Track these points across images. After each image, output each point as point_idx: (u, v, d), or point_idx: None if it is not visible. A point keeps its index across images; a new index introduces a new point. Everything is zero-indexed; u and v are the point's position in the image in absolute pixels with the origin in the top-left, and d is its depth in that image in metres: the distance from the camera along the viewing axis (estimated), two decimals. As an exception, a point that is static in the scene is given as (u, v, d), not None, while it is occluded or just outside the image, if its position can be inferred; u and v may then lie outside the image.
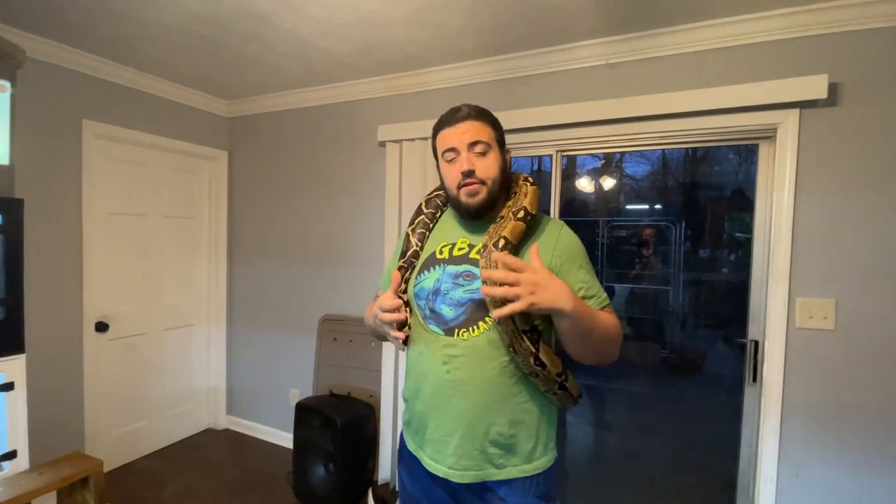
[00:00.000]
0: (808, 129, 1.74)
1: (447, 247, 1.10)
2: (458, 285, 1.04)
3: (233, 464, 2.78)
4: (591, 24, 1.89)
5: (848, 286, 1.70)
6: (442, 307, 1.05)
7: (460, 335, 1.02)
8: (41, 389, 2.18)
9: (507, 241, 0.97)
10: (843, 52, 1.69)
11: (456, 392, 1.01)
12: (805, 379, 1.77)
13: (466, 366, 1.00)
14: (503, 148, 1.11)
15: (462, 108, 1.07)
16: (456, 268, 1.06)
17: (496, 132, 1.08)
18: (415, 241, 1.17)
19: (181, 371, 3.03)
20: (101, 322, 2.51)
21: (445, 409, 1.03)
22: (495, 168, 1.05)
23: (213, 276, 3.19)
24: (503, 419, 1.00)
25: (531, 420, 1.03)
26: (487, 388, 1.00)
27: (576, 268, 1.04)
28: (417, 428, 1.10)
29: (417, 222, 1.20)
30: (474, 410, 1.00)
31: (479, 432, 1.00)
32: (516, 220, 1.01)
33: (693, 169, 6.58)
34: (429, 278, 1.09)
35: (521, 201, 1.06)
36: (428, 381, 1.06)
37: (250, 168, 3.14)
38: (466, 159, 1.03)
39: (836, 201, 1.72)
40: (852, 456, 1.71)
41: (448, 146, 1.06)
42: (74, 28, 2.05)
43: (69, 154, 2.33)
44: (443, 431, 1.03)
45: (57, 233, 2.30)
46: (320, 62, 2.37)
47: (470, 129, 1.04)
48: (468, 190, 1.04)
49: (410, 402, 1.13)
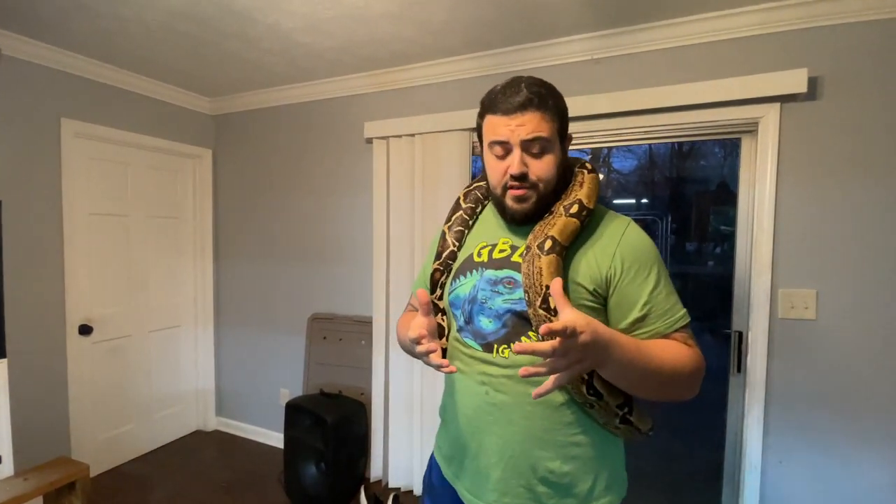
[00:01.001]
0: (788, 123, 1.77)
1: (486, 248, 0.94)
2: (498, 293, 0.88)
3: (223, 465, 2.76)
4: (575, 19, 1.89)
5: (829, 277, 1.74)
6: (480, 318, 0.90)
7: (500, 352, 0.87)
8: (24, 394, 2.14)
9: (556, 242, 0.80)
10: (823, 46, 1.72)
11: (497, 418, 0.87)
12: (788, 368, 1.80)
13: (508, 388, 0.85)
14: (565, 138, 0.90)
15: (522, 90, 0.83)
16: (496, 273, 0.90)
17: (560, 123, 0.86)
18: (451, 240, 1.02)
19: (168, 373, 3.00)
20: (84, 325, 2.46)
21: (484, 436, 0.88)
22: (554, 168, 0.86)
23: (200, 276, 3.15)
24: (554, 453, 0.85)
25: (589, 454, 0.86)
26: (534, 416, 0.85)
27: (641, 279, 0.83)
28: (453, 454, 0.96)
29: (455, 219, 1.04)
30: (518, 441, 0.85)
31: (525, 466, 0.85)
32: (568, 217, 0.83)
33: (679, 163, 6.66)
34: (465, 284, 0.94)
35: (575, 193, 0.87)
36: (465, 403, 0.92)
37: (235, 166, 3.10)
38: (519, 159, 0.84)
39: (817, 194, 1.75)
40: (835, 443, 1.75)
41: (497, 138, 0.86)
42: (51, 25, 2.00)
43: (48, 153, 2.28)
44: (482, 462, 0.89)
45: (37, 234, 2.25)
46: (304, 58, 2.34)
47: (529, 121, 0.83)
48: (516, 195, 0.87)
49: (446, 425, 1.00)
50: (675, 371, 0.77)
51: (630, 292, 0.82)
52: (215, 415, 3.23)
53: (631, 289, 0.82)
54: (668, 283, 0.85)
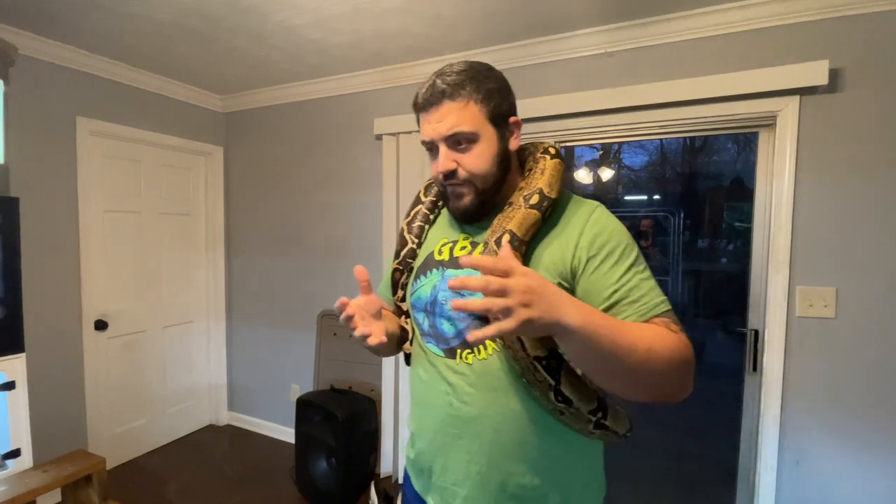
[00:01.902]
0: (808, 116, 1.72)
1: (448, 245, 0.89)
2: (459, 294, 0.81)
3: (235, 460, 2.79)
4: (588, 12, 1.86)
5: (849, 274, 1.70)
6: (441, 322, 0.84)
7: (464, 358, 0.81)
8: (43, 388, 2.18)
9: (514, 237, 0.75)
10: (844, 37, 1.67)
11: (463, 431, 0.81)
12: (806, 367, 1.76)
13: (474, 398, 0.79)
14: (505, 122, 0.82)
15: (435, 83, 0.79)
16: (456, 272, 0.85)
17: (489, 105, 0.80)
18: (411, 238, 0.95)
19: (182, 368, 3.03)
20: (100, 320, 2.50)
21: (451, 450, 0.82)
22: (487, 159, 0.80)
23: (212, 272, 3.18)
24: (525, 467, 0.78)
25: (562, 464, 0.80)
26: (503, 428, 0.78)
27: (609, 265, 0.74)
28: (422, 468, 0.90)
29: (414, 214, 0.97)
30: (486, 455, 0.79)
31: (494, 483, 0.79)
32: (528, 208, 0.77)
33: (691, 159, 6.57)
34: (425, 285, 0.88)
35: (535, 181, 0.81)
36: (429, 416, 0.86)
37: (246, 163, 3.12)
38: (443, 157, 0.80)
39: (837, 189, 1.70)
40: (853, 444, 1.71)
41: (424, 138, 0.83)
42: (65, 24, 2.02)
43: (64, 152, 2.32)
44: (449, 478, 0.83)
45: (54, 231, 2.29)
46: (313, 55, 2.34)
47: (446, 115, 0.78)
48: (451, 191, 0.83)
49: (413, 437, 0.94)
50: (651, 351, 0.63)
51: (597, 280, 0.74)
52: (227, 410, 3.26)
53: (598, 276, 0.74)
54: (642, 268, 0.75)
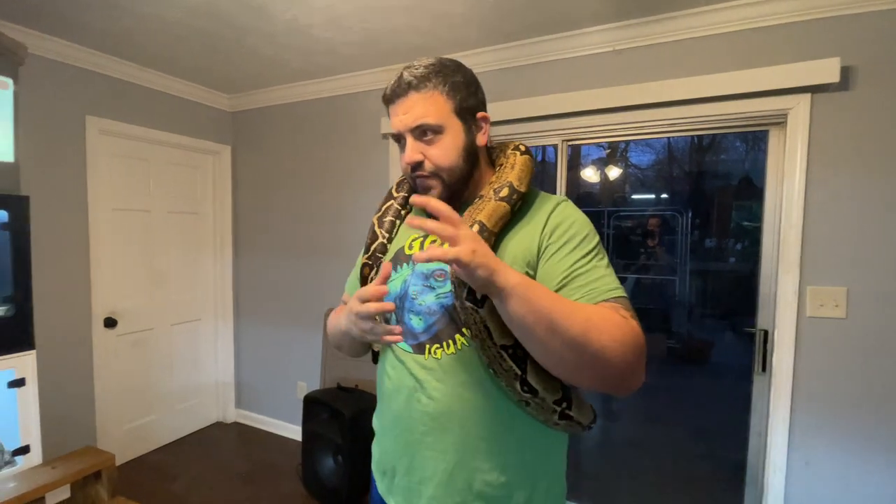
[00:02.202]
0: (819, 114, 1.71)
1: (418, 240, 0.89)
2: (430, 288, 0.82)
3: (242, 456, 2.80)
4: (596, 9, 1.85)
5: (860, 274, 1.68)
6: (410, 316, 0.83)
7: (433, 353, 0.80)
8: (52, 385, 2.20)
9: (483, 228, 0.75)
10: (856, 34, 1.65)
11: (431, 428, 0.80)
12: (816, 368, 1.75)
13: (442, 393, 0.79)
14: (472, 116, 0.84)
15: (402, 76, 0.80)
16: (427, 265, 0.82)
17: (455, 99, 0.81)
18: (381, 233, 0.96)
19: (189, 365, 3.05)
20: (109, 318, 2.52)
21: (417, 448, 0.81)
22: (453, 151, 0.81)
23: (219, 270, 3.20)
24: (492, 463, 0.78)
25: (530, 460, 0.81)
26: (471, 423, 0.78)
27: (568, 249, 0.76)
28: (385, 468, 0.88)
29: (386, 208, 0.98)
30: (454, 452, 0.79)
31: (461, 481, 0.78)
32: (498, 200, 0.78)
33: (699, 158, 6.52)
34: (395, 280, 0.87)
35: (505, 175, 0.82)
36: (396, 413, 0.84)
37: (253, 162, 3.13)
38: (410, 148, 0.81)
39: (848, 188, 1.68)
40: (863, 445, 1.69)
41: (392, 131, 0.84)
42: (74, 24, 2.04)
43: (73, 150, 2.33)
44: (415, 477, 0.82)
45: (63, 229, 2.31)
46: (321, 54, 2.34)
47: (412, 106, 0.79)
48: (420, 184, 0.84)
49: (378, 436, 0.93)
50: (589, 324, 0.63)
51: (554, 263, 0.76)
52: (235, 407, 3.28)
53: (555, 260, 0.76)
54: (600, 258, 0.76)
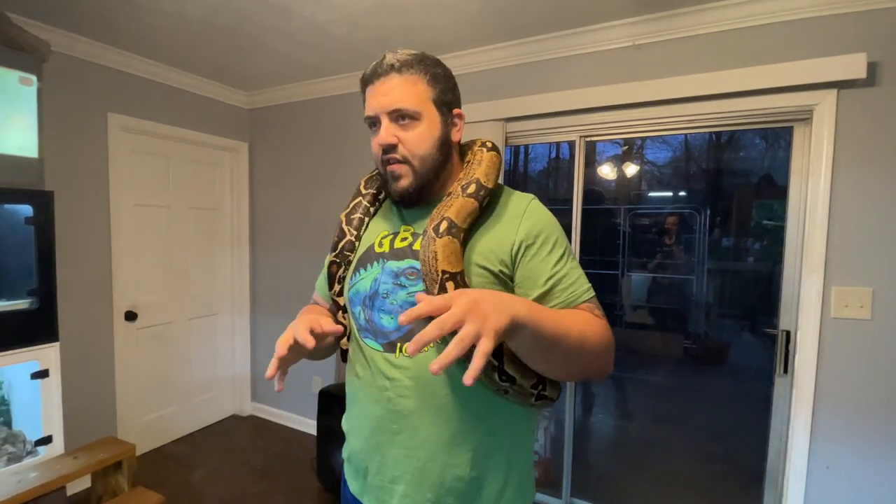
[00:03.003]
0: (845, 111, 1.66)
1: (388, 237, 0.87)
2: (401, 286, 0.81)
3: (258, 449, 2.84)
4: (616, 3, 1.82)
5: (887, 274, 1.63)
6: (381, 315, 0.82)
7: (404, 351, 0.79)
8: (74, 376, 2.26)
9: (452, 224, 0.74)
10: (882, 29, 1.60)
11: (402, 426, 0.79)
12: (839, 370, 1.71)
13: (414, 392, 0.78)
14: (449, 111, 0.84)
15: (386, 58, 0.80)
16: (398, 263, 0.83)
17: (435, 89, 0.81)
18: (349, 230, 0.93)
19: (207, 359, 3.10)
20: (130, 311, 2.57)
21: (388, 447, 0.81)
22: (428, 141, 0.80)
23: (237, 266, 3.24)
24: (463, 458, 0.78)
25: (500, 454, 0.81)
26: (442, 420, 0.78)
27: (545, 253, 0.79)
28: (357, 468, 0.88)
29: (354, 205, 0.95)
30: (426, 450, 0.78)
31: (433, 477, 0.78)
32: (465, 197, 0.78)
33: (717, 155, 6.39)
34: (365, 278, 0.86)
35: (472, 172, 0.83)
36: (367, 414, 0.84)
37: (270, 159, 3.16)
38: (385, 129, 0.79)
39: (875, 186, 1.64)
40: (887, 450, 1.65)
41: (367, 112, 0.82)
42: (97, 21, 2.07)
43: (96, 147, 2.38)
44: (386, 476, 0.82)
45: (86, 224, 2.35)
46: (338, 51, 2.35)
47: (393, 88, 0.78)
48: (391, 170, 0.81)
49: (348, 437, 0.91)
50: (583, 335, 0.69)
51: (534, 267, 0.78)
52: (251, 400, 3.33)
53: (535, 263, 0.78)
54: (572, 258, 0.81)
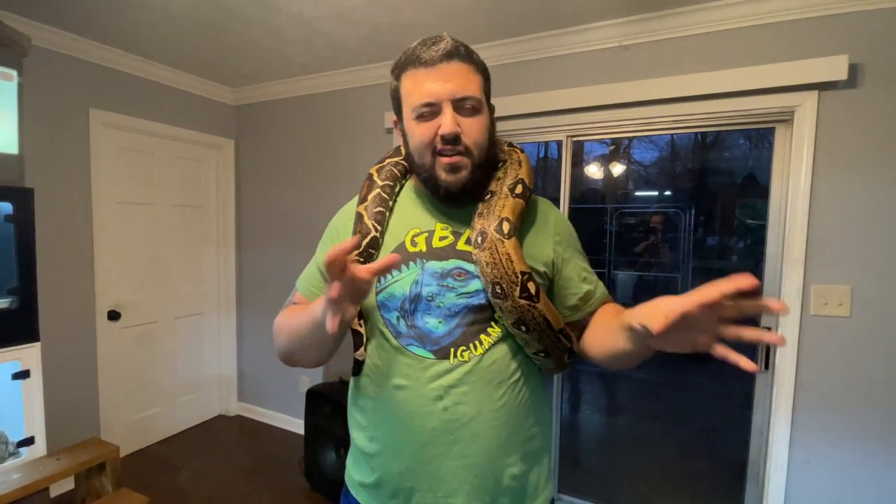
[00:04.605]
0: (826, 112, 1.70)
1: (421, 235, 0.81)
2: (448, 288, 0.77)
3: (245, 449, 2.82)
4: (604, 4, 1.84)
5: (865, 273, 1.67)
6: (426, 320, 0.77)
7: (460, 355, 0.76)
8: (56, 377, 2.21)
9: (512, 225, 0.75)
10: (864, 32, 1.64)
11: (459, 436, 0.75)
12: (818, 366, 1.75)
13: (472, 396, 0.75)
14: (490, 104, 0.82)
15: (445, 39, 0.74)
16: (441, 264, 0.78)
17: (487, 81, 0.79)
18: (372, 224, 0.83)
19: (192, 359, 3.06)
20: (113, 311, 2.53)
21: (444, 461, 0.75)
22: (485, 133, 0.78)
23: (222, 264, 3.21)
24: (516, 456, 0.78)
25: (538, 445, 0.83)
26: (499, 422, 0.76)
27: (577, 255, 0.87)
28: (395, 491, 0.79)
29: (372, 198, 0.85)
30: (485, 454, 0.75)
31: (491, 482, 0.76)
32: (515, 198, 0.78)
33: (703, 155, 6.49)
34: (402, 280, 0.79)
35: (515, 172, 0.82)
36: (412, 428, 0.77)
37: (257, 156, 3.13)
38: (451, 117, 0.72)
39: (855, 186, 1.68)
40: (865, 444, 1.69)
41: (424, 98, 0.73)
42: (79, 15, 2.03)
43: (77, 143, 2.33)
44: (440, 492, 0.76)
45: (67, 222, 2.31)
46: (326, 47, 2.33)
47: (456, 74, 0.73)
48: (449, 162, 0.75)
49: (380, 459, 0.81)
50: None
51: (572, 269, 0.85)
52: (237, 400, 3.29)
53: (571, 267, 0.85)
54: (588, 261, 0.90)
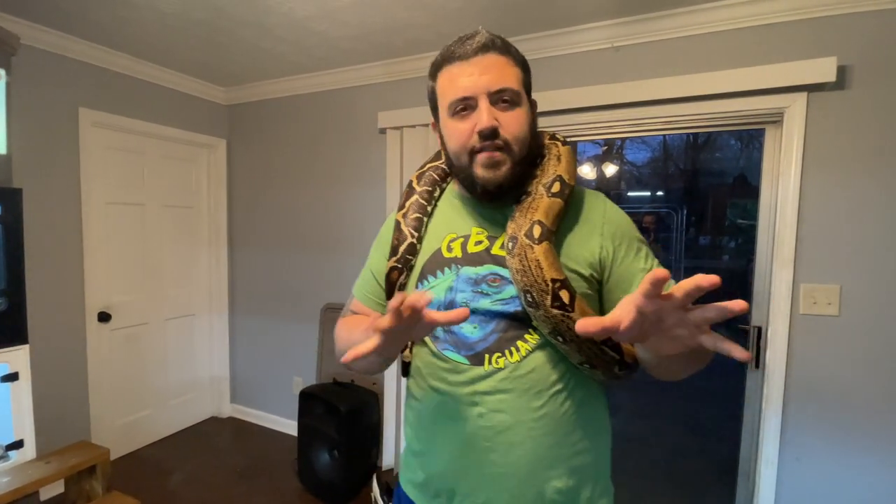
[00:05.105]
0: (815, 113, 1.72)
1: (458, 241, 0.81)
2: (483, 294, 0.76)
3: (238, 451, 2.80)
4: (596, 5, 1.85)
5: (854, 272, 1.69)
6: (461, 326, 0.77)
7: (494, 362, 0.75)
8: (46, 380, 2.19)
9: (544, 228, 0.70)
10: (853, 34, 1.66)
11: (496, 443, 0.74)
12: (808, 365, 1.77)
13: (508, 404, 0.74)
14: (531, 98, 0.78)
15: (480, 32, 0.73)
16: (475, 270, 0.78)
17: (526, 73, 0.76)
18: (409, 231, 0.85)
19: (184, 360, 3.04)
20: (103, 312, 2.50)
21: (482, 467, 0.76)
22: (526, 125, 0.74)
23: (214, 265, 3.18)
24: (562, 468, 0.75)
25: (589, 460, 0.78)
26: (540, 432, 0.74)
27: (633, 255, 0.77)
28: (438, 491, 0.81)
29: (410, 205, 0.87)
30: (524, 465, 0.74)
31: (532, 493, 0.74)
32: (551, 197, 0.73)
33: (694, 155, 6.55)
34: (437, 286, 0.80)
35: (553, 169, 0.77)
36: (449, 432, 0.78)
37: (249, 156, 3.11)
38: (487, 111, 0.70)
39: (843, 187, 1.70)
40: (854, 441, 1.71)
41: (459, 94, 0.72)
42: (68, 14, 2.01)
43: (66, 143, 2.30)
44: (481, 497, 0.76)
45: (56, 223, 2.28)
46: (318, 47, 2.33)
47: (491, 67, 0.71)
48: (487, 158, 0.73)
49: (423, 459, 0.84)
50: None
51: (627, 268, 0.77)
52: (230, 402, 3.27)
53: (626, 265, 0.77)
54: (652, 255, 0.80)
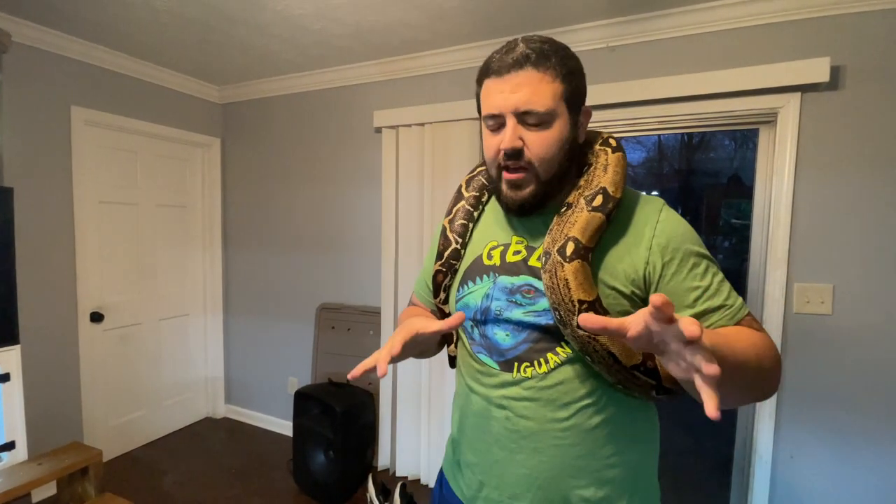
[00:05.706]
0: (809, 114, 1.73)
1: (498, 249, 0.82)
2: (516, 304, 0.76)
3: (232, 452, 2.78)
4: (591, 5, 1.85)
5: (847, 272, 1.71)
6: (495, 331, 0.79)
7: (522, 371, 0.76)
8: (38, 380, 2.17)
9: (578, 245, 0.68)
10: (846, 34, 1.67)
11: (521, 446, 0.76)
12: (802, 363, 1.78)
13: (533, 412, 0.75)
14: (578, 110, 0.75)
15: (518, 45, 0.71)
16: (511, 279, 0.78)
17: (570, 85, 0.72)
18: (454, 237, 0.87)
19: (178, 361, 3.02)
20: (95, 312, 2.48)
21: (506, 465, 0.78)
22: (556, 145, 0.71)
23: (209, 265, 3.17)
24: (588, 479, 0.75)
25: (624, 475, 0.76)
26: (565, 443, 0.74)
27: (685, 271, 0.70)
28: (470, 480, 0.84)
29: (456, 211, 0.89)
30: (547, 471, 0.75)
31: (556, 497, 0.75)
32: (591, 211, 0.70)
33: (689, 155, 6.58)
34: (475, 292, 0.81)
35: (597, 179, 0.73)
36: (482, 427, 0.81)
37: (244, 155, 3.09)
38: (511, 132, 0.70)
39: (837, 186, 1.71)
40: (848, 439, 1.73)
41: (490, 110, 0.72)
42: (61, 11, 1.99)
43: (58, 141, 2.28)
44: (506, 492, 0.78)
45: (48, 222, 2.26)
46: (313, 46, 2.32)
47: (524, 84, 0.69)
48: (510, 179, 0.74)
49: (459, 446, 0.87)
50: (759, 360, 0.63)
51: (677, 285, 0.70)
52: (224, 402, 3.25)
53: (677, 282, 0.70)
54: (716, 270, 0.72)
